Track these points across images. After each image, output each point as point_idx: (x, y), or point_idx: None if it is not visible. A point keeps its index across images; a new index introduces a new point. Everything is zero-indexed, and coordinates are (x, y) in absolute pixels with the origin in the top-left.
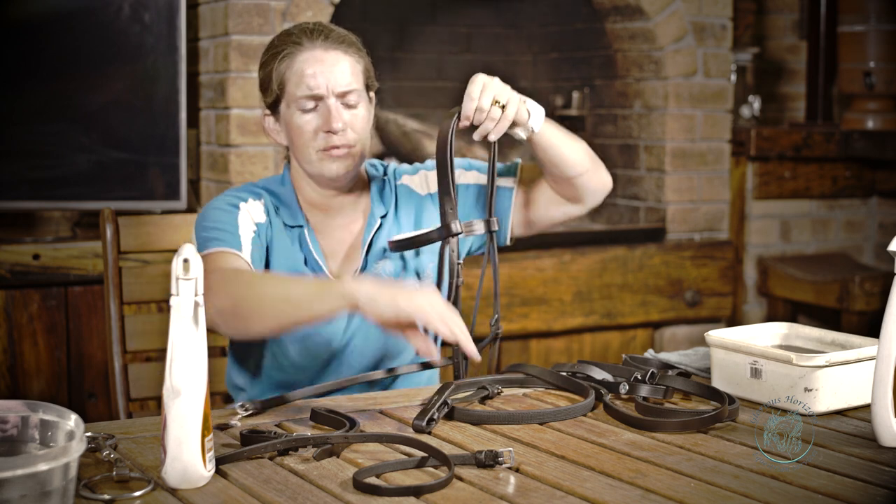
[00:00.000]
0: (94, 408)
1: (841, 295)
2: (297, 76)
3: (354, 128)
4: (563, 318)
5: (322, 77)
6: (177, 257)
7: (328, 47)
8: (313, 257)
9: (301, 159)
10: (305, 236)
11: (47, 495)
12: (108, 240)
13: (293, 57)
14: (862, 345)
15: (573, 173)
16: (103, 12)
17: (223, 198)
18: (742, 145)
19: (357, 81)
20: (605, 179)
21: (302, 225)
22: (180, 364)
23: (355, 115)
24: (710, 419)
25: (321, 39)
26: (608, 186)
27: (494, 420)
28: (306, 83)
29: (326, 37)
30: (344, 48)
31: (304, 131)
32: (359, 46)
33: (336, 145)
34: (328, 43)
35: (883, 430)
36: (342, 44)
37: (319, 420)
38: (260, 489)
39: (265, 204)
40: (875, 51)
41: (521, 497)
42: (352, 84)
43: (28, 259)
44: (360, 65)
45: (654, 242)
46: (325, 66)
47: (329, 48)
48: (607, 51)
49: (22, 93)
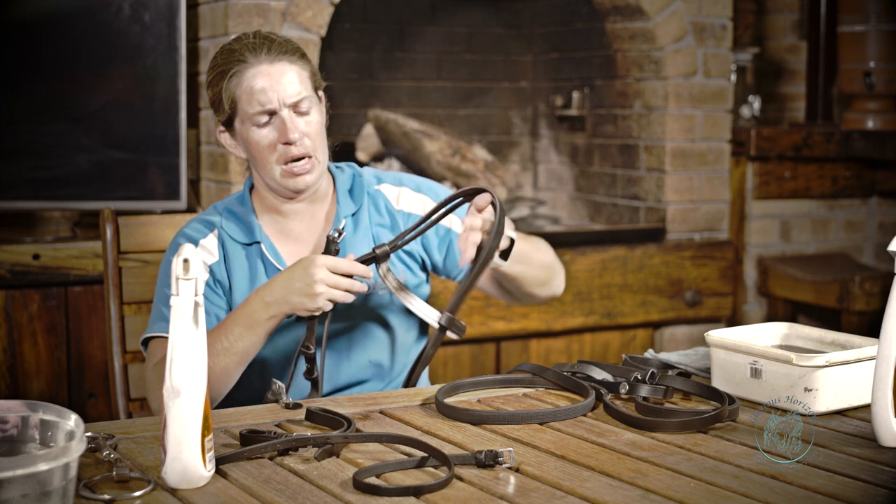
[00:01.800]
0: (94, 408)
1: (841, 295)
2: (248, 94)
3: (310, 135)
4: (563, 318)
5: (272, 91)
6: (177, 257)
7: (273, 59)
8: (274, 266)
9: (264, 175)
10: (263, 250)
11: (47, 495)
12: (108, 240)
13: (240, 75)
14: (862, 345)
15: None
16: (103, 12)
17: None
18: (742, 145)
19: (306, 88)
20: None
21: (258, 241)
22: (180, 364)
23: (309, 121)
24: (710, 419)
25: (265, 52)
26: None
27: (494, 420)
28: (257, 99)
29: (269, 49)
30: (289, 58)
31: (262, 146)
32: (302, 52)
33: (296, 156)
34: (272, 55)
35: (883, 430)
36: (286, 53)
37: (316, 420)
38: (260, 489)
39: (218, 235)
40: (875, 51)
41: (521, 497)
42: (301, 92)
43: (28, 259)
44: (307, 70)
45: (654, 242)
46: (272, 80)
47: (274, 60)
48: (607, 51)
49: (22, 93)
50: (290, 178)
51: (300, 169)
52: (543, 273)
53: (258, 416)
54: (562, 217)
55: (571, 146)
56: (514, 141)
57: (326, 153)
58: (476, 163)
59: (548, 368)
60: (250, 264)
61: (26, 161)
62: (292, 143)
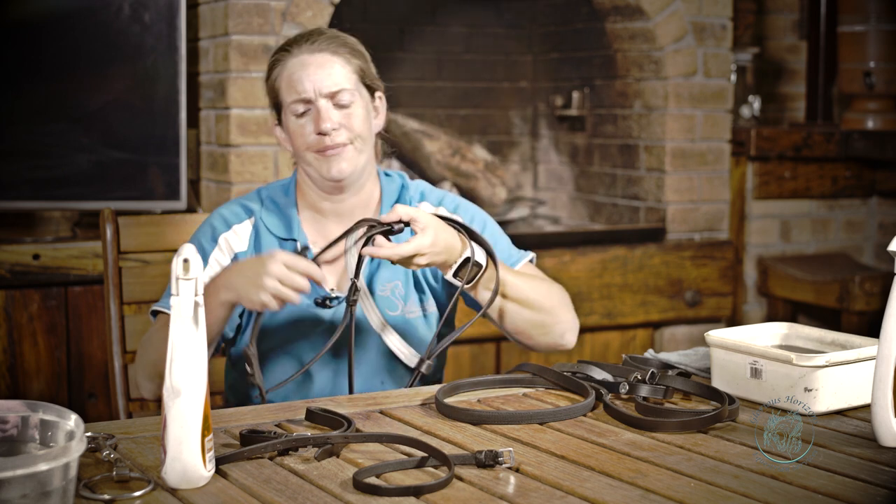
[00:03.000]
0: (94, 408)
1: (841, 295)
2: (287, 83)
3: (350, 126)
4: None
5: (308, 81)
6: (177, 257)
7: (314, 50)
8: None
9: (301, 163)
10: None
11: (47, 495)
12: (108, 240)
13: (283, 65)
14: (862, 345)
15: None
16: (103, 12)
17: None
18: (742, 145)
19: (348, 81)
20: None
21: (296, 238)
22: (180, 364)
23: (349, 114)
24: (710, 419)
25: (308, 44)
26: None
27: (494, 420)
28: (294, 88)
29: (314, 41)
30: (333, 49)
31: (299, 135)
32: (353, 47)
33: (328, 146)
34: (315, 46)
35: (883, 430)
36: (330, 45)
37: (316, 420)
38: (260, 489)
39: (254, 224)
40: (875, 51)
41: (521, 497)
42: (340, 84)
43: (28, 259)
44: (352, 64)
45: (654, 242)
46: (310, 70)
47: (315, 51)
48: (607, 51)
49: (22, 93)
50: (324, 162)
51: (332, 152)
52: (537, 315)
53: (258, 416)
54: (562, 217)
55: (571, 146)
56: (514, 141)
57: (370, 150)
58: (476, 163)
59: (548, 368)
60: None
61: (26, 161)
62: (325, 133)
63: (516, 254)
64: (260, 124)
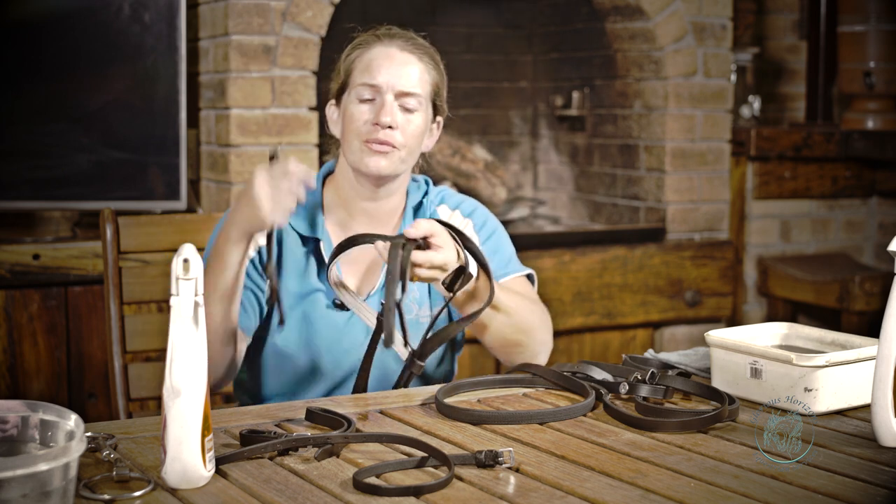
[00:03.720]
0: (94, 408)
1: (841, 295)
2: (364, 65)
3: (405, 132)
4: (563, 318)
5: (386, 72)
6: (177, 257)
7: (403, 48)
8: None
9: (345, 148)
10: (321, 248)
11: (47, 495)
12: (108, 240)
13: (368, 49)
14: (862, 345)
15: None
16: (103, 12)
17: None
18: (742, 145)
19: (421, 88)
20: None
21: (319, 238)
22: (180, 364)
23: (409, 119)
24: (710, 419)
25: (400, 41)
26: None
27: (494, 420)
28: (370, 72)
29: (407, 41)
30: (419, 55)
31: (356, 119)
32: (437, 61)
33: (380, 140)
34: (404, 44)
35: (883, 430)
36: (417, 50)
37: (316, 420)
38: (260, 489)
39: None
40: (875, 51)
41: (521, 497)
42: (414, 87)
43: (28, 259)
44: (430, 76)
45: (654, 242)
46: (392, 63)
47: (404, 49)
48: (607, 51)
49: (22, 93)
50: (367, 155)
51: (379, 147)
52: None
53: (258, 416)
54: (562, 217)
55: (571, 146)
56: (514, 141)
57: (412, 160)
58: (476, 163)
59: (548, 368)
60: (304, 258)
61: (26, 161)
62: (383, 127)
63: (514, 266)
64: (260, 124)
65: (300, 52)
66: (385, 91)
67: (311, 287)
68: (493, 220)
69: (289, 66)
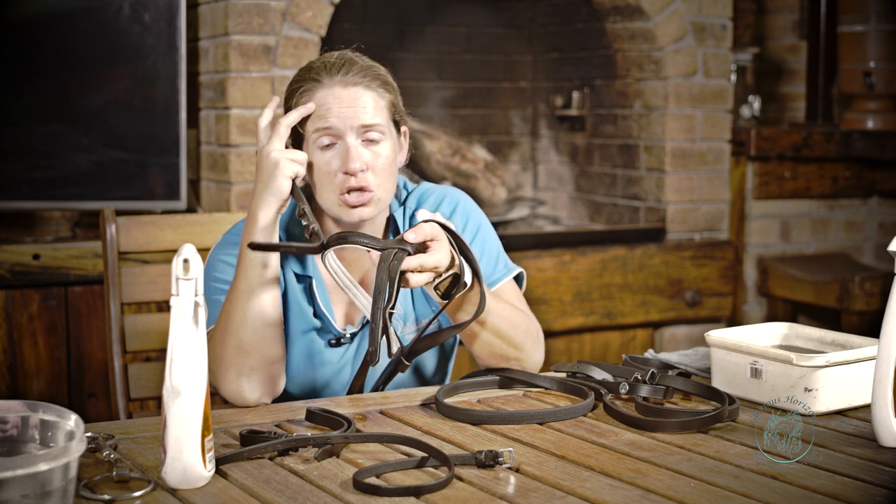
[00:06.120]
0: (94, 408)
1: (841, 295)
2: (314, 114)
3: (376, 169)
4: (563, 318)
5: (340, 115)
6: (177, 257)
7: (347, 83)
8: (321, 310)
9: (319, 195)
10: (314, 288)
11: (47, 495)
12: (108, 240)
13: (311, 94)
14: (862, 345)
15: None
16: (103, 12)
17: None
18: (742, 145)
19: (380, 116)
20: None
21: (311, 276)
22: (180, 364)
23: (377, 153)
24: (710, 419)
25: (340, 74)
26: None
27: (494, 420)
28: (323, 118)
29: (347, 71)
30: (366, 82)
31: (323, 172)
32: (385, 80)
33: (353, 187)
34: (347, 78)
35: (883, 430)
36: (364, 77)
37: (316, 420)
38: (260, 489)
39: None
40: (875, 51)
41: (521, 497)
42: (372, 119)
43: (28, 259)
44: (385, 99)
45: (654, 242)
46: (342, 103)
47: (348, 84)
48: (607, 51)
49: (22, 93)
50: (345, 209)
51: (356, 201)
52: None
53: (258, 416)
54: (562, 217)
55: (571, 146)
56: (514, 141)
57: (391, 190)
58: (476, 163)
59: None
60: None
61: (26, 161)
62: (353, 174)
63: (503, 268)
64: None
65: (300, 52)
66: (345, 133)
67: (310, 325)
68: (475, 214)
69: (289, 66)
